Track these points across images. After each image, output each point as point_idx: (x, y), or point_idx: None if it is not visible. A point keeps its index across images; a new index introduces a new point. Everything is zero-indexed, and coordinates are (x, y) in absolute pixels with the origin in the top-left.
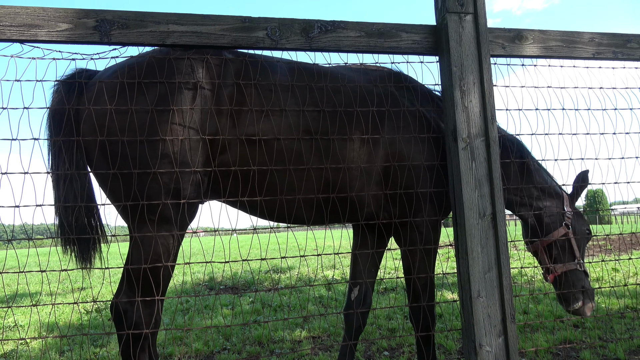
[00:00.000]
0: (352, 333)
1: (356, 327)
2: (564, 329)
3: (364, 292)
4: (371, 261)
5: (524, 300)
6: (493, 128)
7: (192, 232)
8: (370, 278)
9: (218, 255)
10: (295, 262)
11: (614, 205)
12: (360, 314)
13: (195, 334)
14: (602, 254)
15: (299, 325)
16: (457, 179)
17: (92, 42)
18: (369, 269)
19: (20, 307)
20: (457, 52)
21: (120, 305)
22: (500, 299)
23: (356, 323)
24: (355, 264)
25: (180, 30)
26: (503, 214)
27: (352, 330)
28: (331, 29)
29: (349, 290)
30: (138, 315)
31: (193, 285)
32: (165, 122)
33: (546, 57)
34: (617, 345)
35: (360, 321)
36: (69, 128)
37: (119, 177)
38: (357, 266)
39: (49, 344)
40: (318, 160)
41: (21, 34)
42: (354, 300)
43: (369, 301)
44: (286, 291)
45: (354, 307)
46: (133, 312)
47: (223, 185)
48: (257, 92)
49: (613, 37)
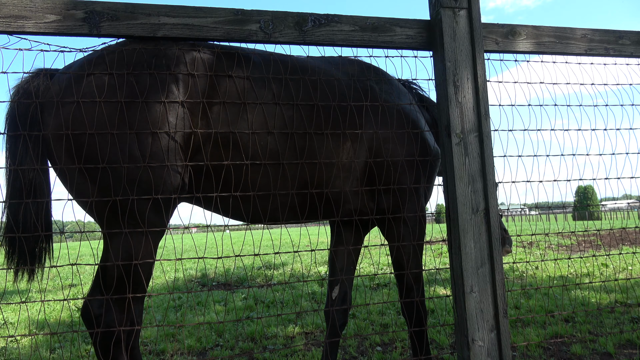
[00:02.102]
0: (337, 330)
1: (340, 324)
2: (555, 323)
3: (344, 290)
4: (349, 258)
5: (516, 295)
6: (487, 123)
7: (184, 228)
8: (349, 275)
9: (210, 251)
10: (288, 258)
11: (604, 201)
12: (342, 311)
13: (188, 330)
14: (592, 249)
15: (292, 321)
16: (451, 174)
17: (81, 34)
18: (348, 266)
19: (9, 305)
20: (451, 47)
21: (91, 306)
22: (493, 294)
23: (339, 321)
24: (334, 262)
25: (172, 23)
26: (496, 209)
27: (336, 327)
28: (325, 22)
29: (329, 289)
30: (110, 317)
31: (185, 282)
32: (141, 118)
33: (539, 52)
34: (607, 340)
35: (343, 318)
36: (32, 125)
37: (85, 175)
38: (335, 264)
39: (40, 341)
40: (294, 157)
41: (7, 25)
42: (334, 299)
43: (349, 298)
44: (279, 287)
45: (335, 305)
46: (104, 313)
47: (196, 184)
48: (231, 86)
49: (605, 34)
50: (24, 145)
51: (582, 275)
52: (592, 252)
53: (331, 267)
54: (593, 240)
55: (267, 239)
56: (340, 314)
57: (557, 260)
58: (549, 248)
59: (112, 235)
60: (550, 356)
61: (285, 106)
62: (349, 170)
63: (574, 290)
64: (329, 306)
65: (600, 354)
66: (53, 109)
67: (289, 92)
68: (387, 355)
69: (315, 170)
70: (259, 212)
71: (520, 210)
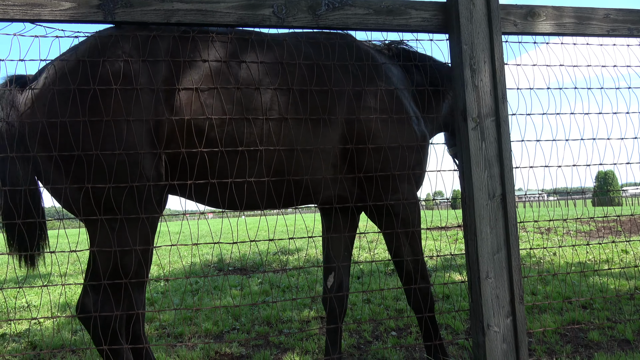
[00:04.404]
0: (337, 317)
1: (339, 311)
2: (572, 310)
3: (340, 277)
4: (344, 244)
5: (532, 282)
6: (504, 107)
7: (200, 213)
8: (345, 262)
9: (226, 236)
10: (303, 244)
11: (625, 187)
12: (340, 297)
13: (205, 314)
14: (612, 235)
15: (307, 305)
16: (467, 159)
17: (96, 21)
18: (342, 253)
19: (32, 288)
20: (468, 29)
21: (85, 304)
22: (509, 280)
23: (338, 308)
24: (327, 249)
25: (185, 8)
26: (513, 194)
27: (336, 315)
28: (339, 6)
29: (325, 277)
30: (106, 310)
31: (202, 267)
32: (112, 108)
33: (559, 34)
34: (626, 326)
35: (341, 305)
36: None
37: (60, 166)
38: (330, 251)
39: (62, 323)
40: (272, 144)
41: (24, 13)
42: (331, 287)
43: (346, 285)
44: (294, 272)
45: (332, 293)
46: (99, 309)
47: (172, 174)
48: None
49: (629, 13)
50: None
51: (600, 262)
52: (612, 238)
53: (326, 254)
54: (613, 227)
55: (281, 224)
56: (339, 301)
57: (575, 246)
58: (567, 234)
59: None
60: (567, 342)
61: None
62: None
63: (592, 277)
64: (326, 293)
65: (618, 341)
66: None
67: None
68: (402, 340)
69: (293, 157)
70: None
71: (538, 196)
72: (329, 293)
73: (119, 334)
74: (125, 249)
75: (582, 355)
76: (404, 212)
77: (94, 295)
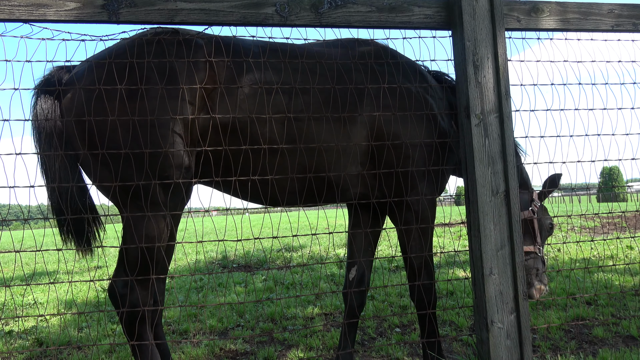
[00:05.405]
0: (355, 312)
1: (357, 305)
2: (577, 306)
3: (361, 271)
4: (366, 240)
5: None
6: (507, 104)
7: (204, 211)
8: (367, 257)
9: (231, 234)
10: (307, 241)
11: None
12: (360, 292)
13: (210, 311)
14: (617, 231)
15: (311, 302)
16: (470, 155)
17: (101, 21)
18: (365, 248)
19: (39, 285)
20: (471, 26)
21: (116, 286)
22: (513, 276)
23: (357, 302)
24: (351, 244)
25: (189, 8)
26: (516, 191)
27: (354, 309)
28: (341, 3)
29: (347, 271)
30: (134, 296)
31: (206, 264)
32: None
33: (563, 30)
34: (631, 323)
35: (360, 300)
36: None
37: (105, 162)
38: (353, 246)
39: (68, 320)
40: (293, 142)
41: (30, 13)
42: (352, 280)
43: (367, 280)
44: (298, 269)
45: (352, 286)
46: (128, 293)
47: (203, 168)
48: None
49: (634, 9)
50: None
51: (605, 258)
52: (617, 234)
53: (349, 249)
54: (618, 223)
55: (285, 222)
56: (358, 295)
57: (579, 242)
58: (572, 230)
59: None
60: (572, 339)
61: (284, 91)
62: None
63: (597, 273)
64: (346, 288)
65: (622, 337)
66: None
67: (288, 78)
68: (406, 337)
69: (314, 156)
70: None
71: None
72: (350, 286)
73: (147, 320)
74: (160, 236)
75: (586, 352)
76: (423, 209)
77: (123, 282)
